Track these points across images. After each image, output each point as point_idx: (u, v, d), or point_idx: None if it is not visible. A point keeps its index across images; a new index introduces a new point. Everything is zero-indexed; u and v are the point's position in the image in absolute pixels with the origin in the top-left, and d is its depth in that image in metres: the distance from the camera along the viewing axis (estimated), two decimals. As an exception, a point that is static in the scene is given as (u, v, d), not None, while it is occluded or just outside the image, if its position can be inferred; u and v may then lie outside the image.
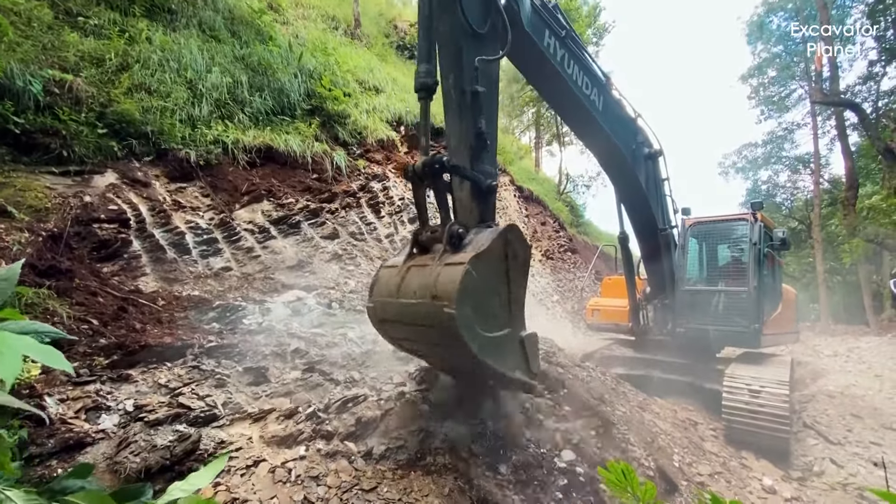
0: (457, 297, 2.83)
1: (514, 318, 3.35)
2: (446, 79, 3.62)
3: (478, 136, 3.51)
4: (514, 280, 3.35)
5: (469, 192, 3.55)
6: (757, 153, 33.75)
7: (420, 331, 3.24)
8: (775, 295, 7.68)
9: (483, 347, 3.00)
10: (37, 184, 5.25)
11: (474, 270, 2.98)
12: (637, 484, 1.49)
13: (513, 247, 3.34)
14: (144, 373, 3.65)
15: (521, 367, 3.34)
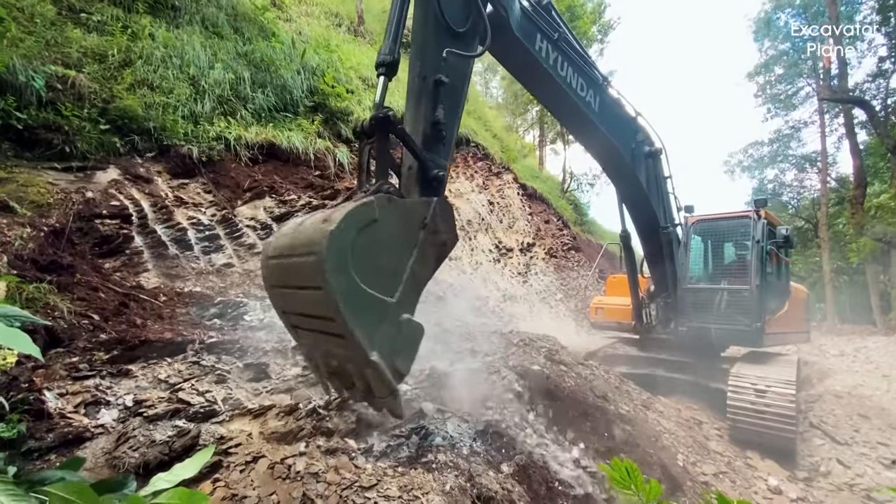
0: (344, 217, 2.44)
1: (404, 294, 2.82)
2: (412, 65, 3.46)
3: (434, 125, 3.27)
4: (423, 257, 2.97)
5: (415, 176, 3.26)
6: (763, 152, 33.51)
7: (296, 266, 2.66)
8: (781, 293, 7.59)
9: (350, 297, 2.48)
10: (39, 179, 5.25)
11: (378, 208, 2.64)
12: (641, 482, 1.45)
13: (436, 222, 3.04)
14: (144, 368, 3.64)
15: (385, 354, 2.68)
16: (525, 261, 14.27)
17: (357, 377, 2.79)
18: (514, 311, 11.56)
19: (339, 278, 2.42)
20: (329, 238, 2.36)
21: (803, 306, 8.88)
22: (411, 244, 2.91)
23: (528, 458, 4.12)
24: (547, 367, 5.47)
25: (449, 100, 3.40)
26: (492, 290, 11.56)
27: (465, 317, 8.66)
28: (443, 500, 3.29)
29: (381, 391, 2.70)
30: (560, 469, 4.20)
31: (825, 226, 25.63)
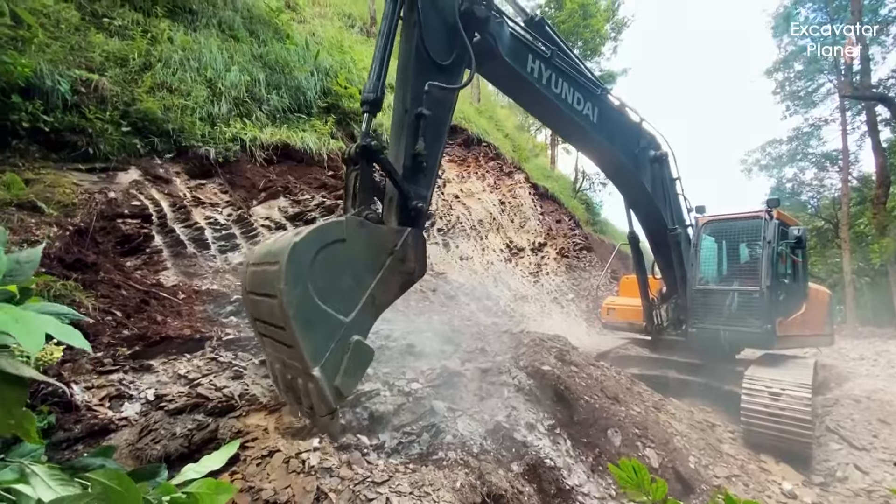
0: (310, 232, 2.53)
1: (360, 316, 2.84)
2: (396, 96, 3.52)
3: (413, 157, 3.34)
4: (387, 282, 3.01)
5: (396, 204, 3.32)
6: (782, 150, 32.81)
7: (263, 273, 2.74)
8: (796, 295, 7.47)
9: (302, 309, 2.52)
10: (65, 180, 5.43)
11: (347, 229, 2.72)
12: (648, 481, 1.49)
13: (405, 251, 3.09)
14: (165, 363, 3.76)
15: (329, 371, 2.66)
16: (536, 261, 14.25)
17: (303, 393, 2.76)
18: (525, 310, 11.57)
19: (293, 289, 2.47)
20: (291, 249, 2.44)
21: (824, 308, 8.71)
22: (376, 268, 2.96)
23: (538, 459, 4.16)
24: (558, 367, 5.49)
25: (431, 131, 3.44)
26: (503, 290, 11.58)
27: (475, 316, 8.71)
28: (453, 497, 3.35)
29: (319, 409, 2.65)
30: (570, 471, 4.23)
31: (846, 226, 25.05)
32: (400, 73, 3.55)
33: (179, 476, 0.90)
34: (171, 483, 0.87)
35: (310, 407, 2.76)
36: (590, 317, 13.92)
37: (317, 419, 2.81)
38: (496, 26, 4.05)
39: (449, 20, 3.61)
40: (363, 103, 3.25)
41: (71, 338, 0.69)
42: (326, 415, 2.67)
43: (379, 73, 3.24)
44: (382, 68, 3.26)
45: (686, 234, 7.46)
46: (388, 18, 3.33)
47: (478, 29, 3.84)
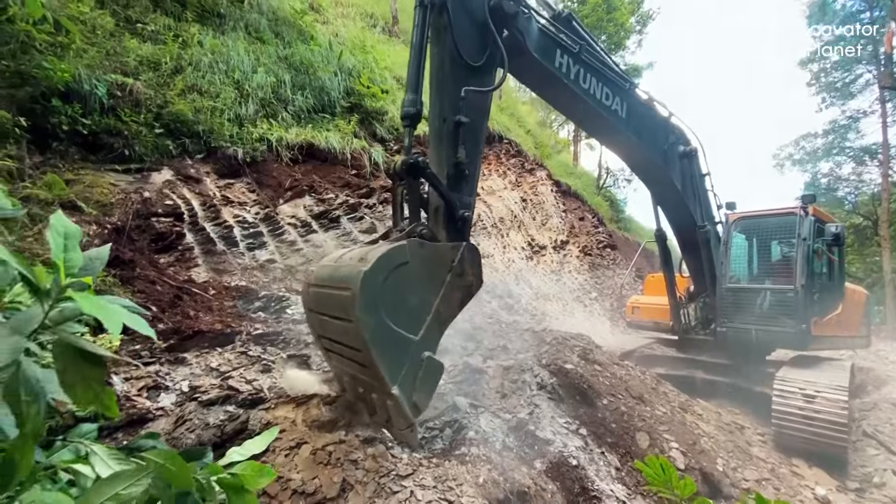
0: (376, 261, 2.65)
1: (428, 333, 2.99)
2: (432, 106, 3.57)
3: (456, 165, 3.43)
4: (448, 297, 3.14)
5: (442, 214, 3.43)
6: (817, 144, 31.49)
7: (332, 297, 2.90)
8: (832, 294, 7.19)
9: (377, 333, 2.68)
10: (102, 180, 5.67)
11: (410, 252, 2.85)
12: (676, 478, 1.48)
13: (463, 265, 3.21)
14: (198, 356, 3.90)
15: (405, 387, 2.84)
16: (558, 259, 14.11)
17: (379, 406, 2.97)
18: (547, 309, 11.48)
19: (368, 315, 2.63)
20: (362, 277, 2.59)
21: (861, 309, 8.36)
22: (438, 285, 3.09)
23: (561, 457, 4.14)
24: (581, 366, 5.45)
25: (470, 138, 3.51)
26: (524, 288, 11.52)
27: (497, 314, 8.70)
28: (476, 492, 3.37)
29: (399, 423, 2.86)
30: (594, 470, 4.20)
31: (886, 223, 23.95)
32: (434, 83, 3.61)
33: (225, 458, 0.95)
34: (218, 463, 0.92)
35: (386, 420, 2.99)
36: (613, 316, 13.72)
37: (395, 431, 3.01)
38: (524, 22, 4.06)
39: (479, 18, 3.64)
40: (403, 118, 3.36)
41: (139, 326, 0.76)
42: (406, 428, 2.90)
43: (416, 87, 3.33)
44: (419, 81, 3.35)
45: (715, 232, 7.28)
46: (418, 28, 3.38)
47: (506, 25, 3.87)
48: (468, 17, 3.60)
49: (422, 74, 3.42)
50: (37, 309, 0.70)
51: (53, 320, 0.72)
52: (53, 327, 0.72)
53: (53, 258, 0.73)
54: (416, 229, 3.18)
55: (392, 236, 3.41)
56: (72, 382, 0.70)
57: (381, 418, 3.04)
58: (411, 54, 3.41)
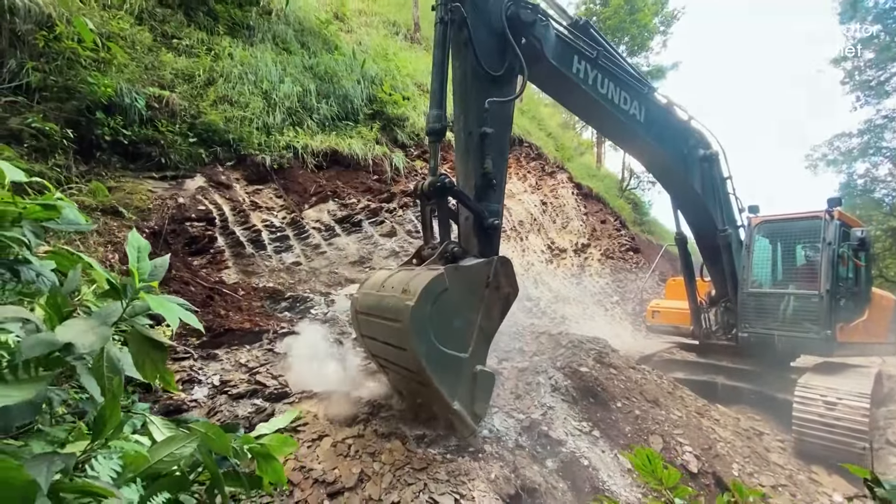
0: (420, 294, 2.87)
1: (476, 349, 3.24)
2: (457, 119, 3.71)
3: (483, 175, 3.55)
4: (489, 312, 3.34)
5: (472, 225, 3.58)
6: (852, 144, 30.24)
7: (383, 326, 3.19)
8: (858, 300, 7.00)
9: (431, 359, 2.94)
10: (141, 187, 6.06)
11: (448, 278, 3.03)
12: (661, 468, 1.59)
13: (498, 278, 3.36)
14: (228, 353, 4.17)
15: (464, 401, 3.17)
16: (579, 262, 14.06)
17: (441, 416, 3.37)
18: (567, 312, 11.48)
19: (421, 344, 2.90)
20: (410, 312, 2.85)
21: (889, 315, 8.10)
22: (478, 302, 3.30)
23: (573, 457, 4.23)
24: (595, 369, 5.51)
25: (496, 148, 3.65)
26: (543, 292, 11.56)
27: (514, 316, 8.79)
28: (487, 487, 3.50)
29: (463, 432, 3.27)
30: (606, 471, 4.26)
31: (927, 226, 22.82)
32: (458, 97, 3.76)
33: (255, 431, 1.14)
34: (250, 435, 1.10)
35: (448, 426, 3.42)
36: (635, 320, 13.57)
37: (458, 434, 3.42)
38: (541, 29, 4.15)
39: (497, 28, 3.76)
40: (429, 133, 3.54)
41: (191, 320, 0.95)
42: (469, 436, 3.38)
43: (440, 102, 3.49)
44: (442, 96, 3.52)
45: (737, 236, 7.20)
46: (440, 46, 3.53)
47: (524, 33, 3.97)
48: (487, 29, 3.73)
49: (445, 90, 3.57)
50: (116, 305, 0.90)
51: (128, 314, 0.92)
52: (128, 320, 0.91)
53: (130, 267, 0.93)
54: (448, 248, 3.38)
55: (424, 253, 3.63)
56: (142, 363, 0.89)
57: (444, 425, 3.41)
58: (433, 70, 3.55)
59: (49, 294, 0.95)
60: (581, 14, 23.70)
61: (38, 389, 0.66)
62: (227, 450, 1.05)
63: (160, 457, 0.90)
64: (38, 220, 1.04)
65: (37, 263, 1.03)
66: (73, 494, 0.71)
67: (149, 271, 0.96)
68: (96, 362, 0.79)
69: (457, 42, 3.65)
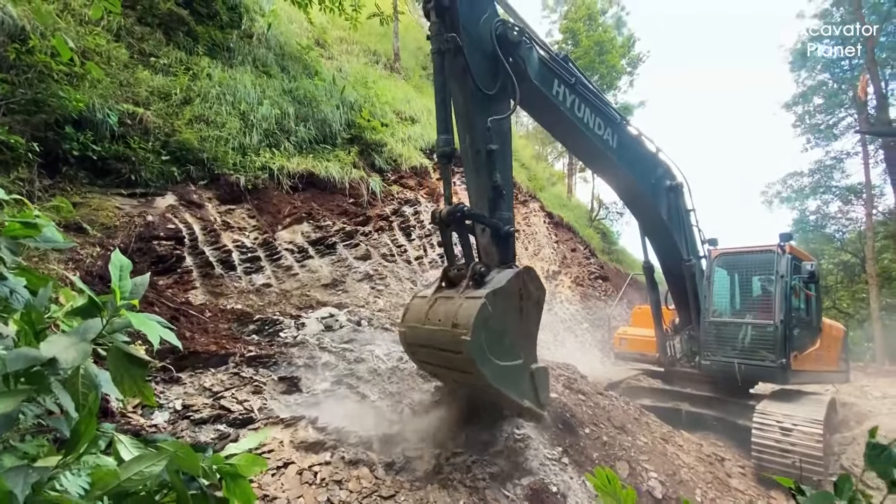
0: (473, 326, 3.19)
1: (526, 351, 3.67)
2: (462, 140, 4.04)
3: (494, 188, 3.87)
4: (527, 316, 3.71)
5: (489, 237, 3.92)
6: (803, 182, 32.39)
7: (442, 355, 3.59)
8: (810, 329, 7.42)
9: (495, 374, 3.33)
10: (108, 204, 5.91)
11: (490, 305, 3.34)
12: (619, 488, 1.65)
13: (527, 287, 3.71)
14: (192, 376, 4.04)
15: (530, 396, 3.62)
16: (550, 289, 14.31)
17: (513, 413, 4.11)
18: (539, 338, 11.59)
19: (483, 366, 3.27)
20: (468, 346, 3.20)
21: (839, 344, 8.58)
22: (518, 314, 3.65)
23: (542, 484, 4.24)
24: (565, 395, 5.59)
25: (501, 161, 3.96)
26: (516, 317, 11.66)
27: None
28: (456, 515, 3.47)
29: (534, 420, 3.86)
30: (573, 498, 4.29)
31: (872, 260, 24.42)
32: (460, 120, 4.04)
33: (224, 451, 1.15)
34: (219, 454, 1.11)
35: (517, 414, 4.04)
36: (604, 346, 13.82)
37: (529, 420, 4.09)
38: (526, 50, 4.50)
39: (488, 49, 4.07)
40: (440, 157, 3.84)
41: (170, 338, 0.97)
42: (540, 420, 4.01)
43: (446, 127, 3.87)
44: (448, 120, 3.88)
45: (700, 266, 7.55)
46: (439, 73, 3.84)
47: (510, 52, 4.29)
48: (479, 53, 4.02)
49: (450, 115, 3.85)
50: (96, 322, 0.91)
51: (107, 331, 0.93)
52: (107, 336, 0.93)
53: (113, 285, 0.95)
54: (475, 269, 3.66)
55: (451, 274, 3.94)
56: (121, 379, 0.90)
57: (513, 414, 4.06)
58: (436, 98, 3.84)
59: (24, 311, 0.96)
60: (554, 52, 24.87)
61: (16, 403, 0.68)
62: (197, 469, 1.05)
63: (129, 475, 0.91)
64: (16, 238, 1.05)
65: (11, 280, 1.04)
66: (44, 509, 0.72)
67: (129, 289, 0.99)
68: (72, 378, 0.81)
69: (453, 69, 3.88)
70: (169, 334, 1.00)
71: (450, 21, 3.79)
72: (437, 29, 3.75)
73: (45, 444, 0.90)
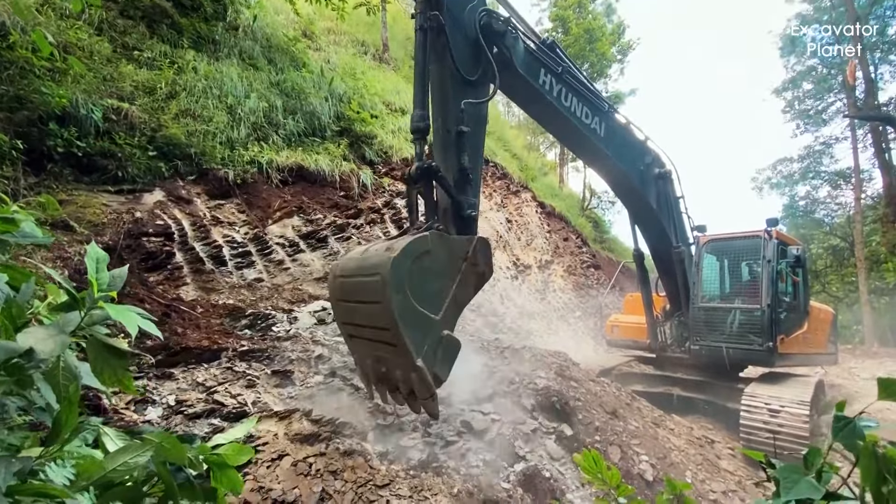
0: (403, 248, 3.01)
1: (446, 314, 3.42)
2: (435, 120, 3.94)
3: (461, 170, 3.81)
4: (464, 283, 3.53)
5: (451, 213, 3.83)
6: (793, 168, 32.64)
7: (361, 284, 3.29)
8: (797, 313, 7.54)
9: (404, 312, 3.05)
10: (95, 201, 5.85)
11: (432, 242, 3.22)
12: (605, 468, 1.70)
13: (476, 256, 3.59)
14: (185, 372, 4.05)
15: (429, 361, 3.24)
16: (543, 278, 14.40)
17: (402, 382, 3.33)
18: (532, 327, 11.70)
19: (397, 296, 2.97)
20: (391, 263, 2.94)
21: (827, 327, 8.73)
22: (455, 272, 3.45)
23: (535, 470, 4.31)
24: (557, 382, 5.65)
25: (471, 145, 3.90)
26: (509, 307, 11.75)
27: (480, 332, 8.89)
28: (451, 502, 3.53)
29: (422, 393, 3.25)
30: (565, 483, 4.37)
31: (860, 244, 24.73)
32: (436, 98, 3.95)
33: (211, 441, 1.16)
34: (206, 445, 1.13)
35: (409, 392, 3.36)
36: (597, 334, 13.96)
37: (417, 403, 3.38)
38: (511, 40, 4.44)
39: (471, 36, 4.03)
40: (414, 132, 3.72)
41: (151, 328, 0.98)
42: (428, 398, 3.27)
43: (422, 103, 3.69)
44: (424, 97, 3.72)
45: (689, 253, 7.62)
46: (420, 49, 3.77)
47: (495, 42, 4.25)
48: (462, 36, 3.98)
49: (427, 91, 3.80)
50: (74, 314, 0.92)
51: (86, 323, 0.94)
52: (86, 328, 0.93)
53: (89, 277, 0.95)
54: (432, 226, 3.49)
55: (410, 232, 3.69)
56: (101, 370, 0.91)
57: (404, 392, 3.41)
58: (415, 73, 3.76)
59: (4, 305, 0.96)
60: (544, 41, 24.72)
61: (-6, 395, 0.69)
62: (183, 459, 1.07)
63: (114, 465, 0.92)
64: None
65: (-9, 276, 1.04)
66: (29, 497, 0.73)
67: (107, 282, 0.99)
68: (52, 369, 0.82)
69: (435, 48, 3.85)
70: (149, 324, 1.01)
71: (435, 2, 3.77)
72: (423, 6, 3.72)
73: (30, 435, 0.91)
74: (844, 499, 0.99)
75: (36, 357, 0.74)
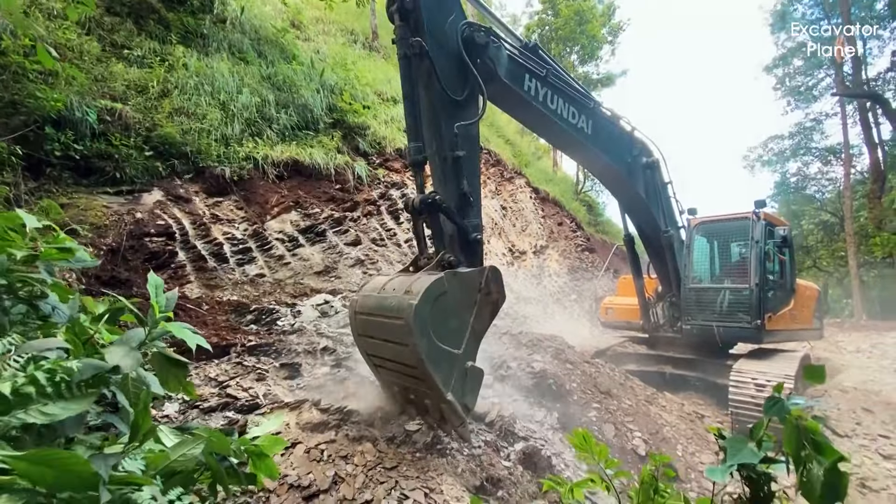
0: (423, 294, 3.20)
1: (468, 346, 3.60)
2: (430, 146, 3.98)
3: (461, 196, 3.90)
4: (480, 314, 3.72)
5: (457, 239, 3.95)
6: (784, 145, 32.85)
7: (385, 325, 3.47)
8: (784, 291, 7.81)
9: (430, 352, 3.27)
10: (96, 203, 5.94)
11: (447, 282, 3.39)
12: (594, 444, 1.89)
13: (489, 285, 3.76)
14: (196, 368, 4.22)
15: (457, 393, 3.49)
16: (538, 263, 14.62)
17: (433, 409, 3.65)
18: (528, 312, 11.94)
19: (422, 340, 3.20)
20: (414, 310, 3.15)
21: (812, 304, 9.02)
22: (472, 306, 3.65)
23: (534, 449, 4.55)
24: (553, 364, 5.88)
25: (469, 168, 3.99)
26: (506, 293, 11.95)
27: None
28: (455, 480, 3.75)
29: (454, 422, 3.58)
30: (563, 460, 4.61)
31: (850, 219, 25.10)
32: (428, 124, 3.99)
33: (248, 434, 1.34)
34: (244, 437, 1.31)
35: (439, 418, 3.69)
36: (592, 317, 14.25)
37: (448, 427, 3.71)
38: (494, 51, 4.47)
39: (454, 52, 4.04)
40: (412, 165, 3.87)
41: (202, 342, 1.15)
42: (460, 425, 3.66)
43: (416, 135, 3.81)
44: (417, 128, 3.82)
45: (679, 236, 7.83)
46: (407, 80, 3.80)
47: (479, 55, 4.26)
48: (446, 55, 3.98)
49: (419, 122, 3.85)
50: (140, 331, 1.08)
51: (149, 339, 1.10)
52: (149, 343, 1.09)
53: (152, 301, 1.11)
54: (444, 258, 3.69)
55: (421, 262, 3.93)
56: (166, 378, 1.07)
57: (435, 417, 3.69)
58: (405, 104, 3.82)
59: (68, 325, 1.11)
60: (534, 24, 24.56)
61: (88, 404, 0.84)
62: (228, 450, 1.24)
63: (175, 456, 1.09)
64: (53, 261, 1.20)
65: (52, 298, 1.19)
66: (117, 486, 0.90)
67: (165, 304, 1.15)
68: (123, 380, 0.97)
69: (421, 73, 3.88)
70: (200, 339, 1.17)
71: (414, 24, 3.71)
72: (402, 32, 3.68)
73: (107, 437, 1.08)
74: (777, 462, 1.18)
75: (121, 371, 0.90)
